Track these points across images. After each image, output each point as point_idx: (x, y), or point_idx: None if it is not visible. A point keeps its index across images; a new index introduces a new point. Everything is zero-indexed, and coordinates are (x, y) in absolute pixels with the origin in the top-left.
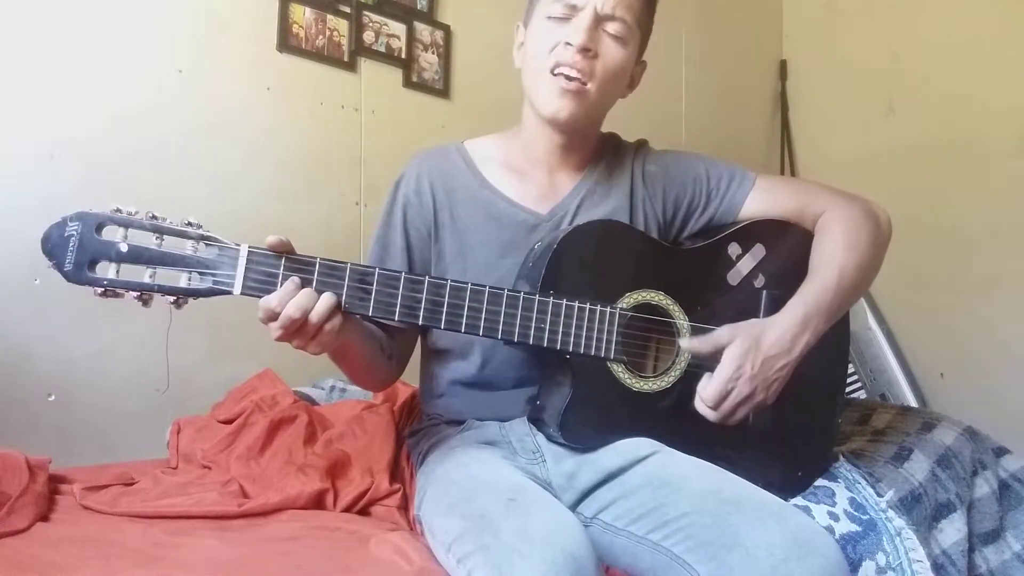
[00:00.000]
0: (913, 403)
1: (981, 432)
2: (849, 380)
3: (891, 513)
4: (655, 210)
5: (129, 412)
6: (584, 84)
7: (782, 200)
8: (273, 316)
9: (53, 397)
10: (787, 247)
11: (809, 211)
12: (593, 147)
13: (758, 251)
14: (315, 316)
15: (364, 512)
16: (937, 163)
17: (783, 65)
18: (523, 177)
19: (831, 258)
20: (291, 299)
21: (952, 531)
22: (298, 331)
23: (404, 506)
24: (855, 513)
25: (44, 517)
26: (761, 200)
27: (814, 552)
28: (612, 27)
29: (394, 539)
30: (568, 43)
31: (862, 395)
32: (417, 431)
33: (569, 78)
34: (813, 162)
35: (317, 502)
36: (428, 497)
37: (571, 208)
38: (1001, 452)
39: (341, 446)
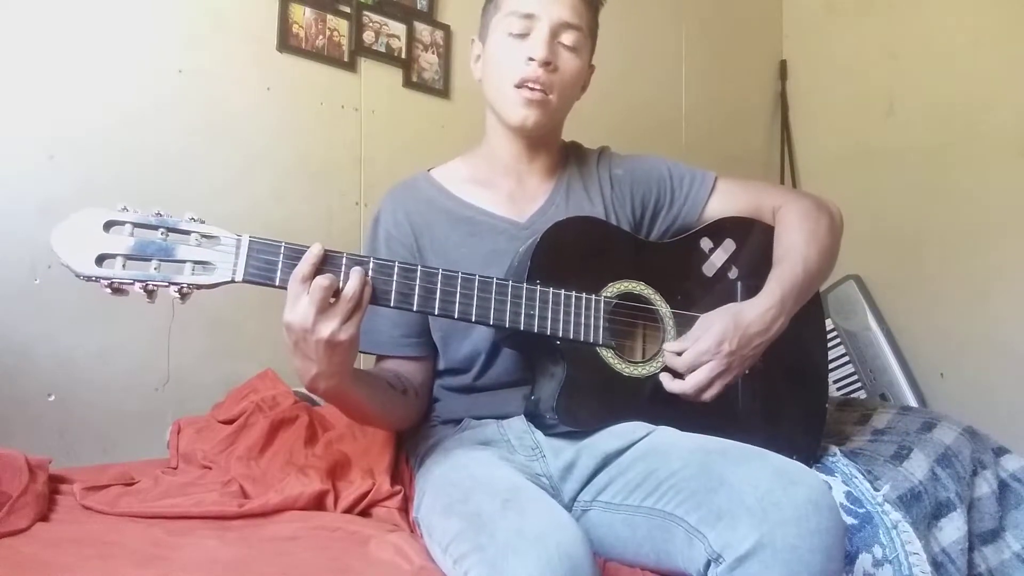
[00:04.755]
0: (913, 403)
1: (981, 432)
2: (849, 380)
3: (887, 506)
4: (625, 211)
5: (129, 412)
6: (547, 95)
7: (741, 198)
8: (305, 280)
9: (53, 397)
10: (754, 240)
11: (766, 207)
12: (556, 152)
13: (728, 245)
14: (348, 289)
15: (365, 514)
16: (937, 163)
17: (783, 65)
18: (493, 187)
19: (794, 246)
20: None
21: (952, 530)
22: (331, 308)
23: (405, 508)
24: (851, 506)
25: (44, 517)
26: (722, 199)
27: (798, 482)
28: (567, 38)
29: (394, 540)
30: (531, 58)
31: (862, 395)
32: (415, 433)
33: (532, 90)
34: (813, 162)
35: (318, 503)
36: (426, 499)
37: (548, 214)
38: (1001, 452)
39: (341, 447)
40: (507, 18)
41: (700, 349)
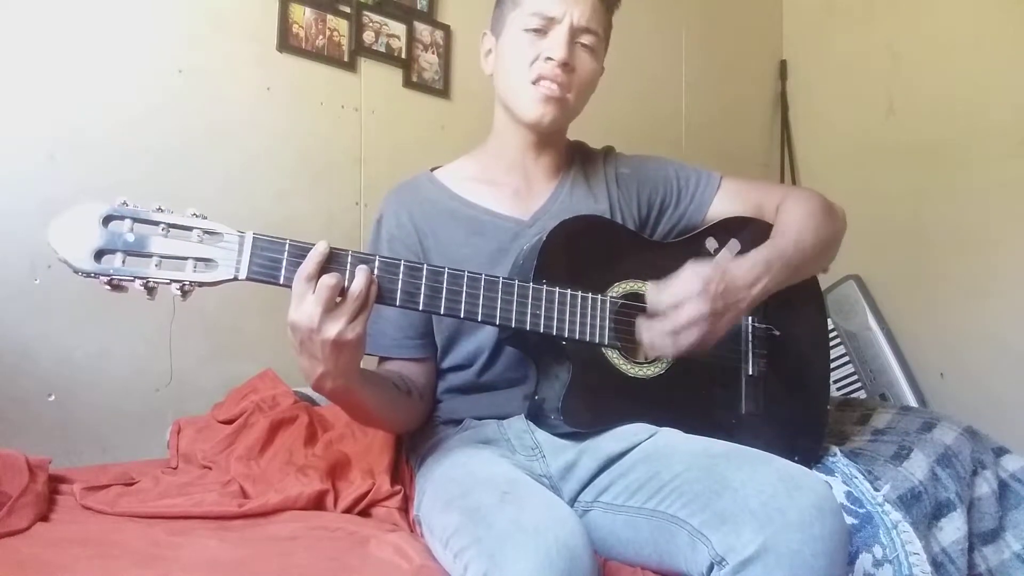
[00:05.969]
0: (913, 403)
1: (981, 432)
2: (849, 380)
3: (888, 506)
4: (631, 210)
5: (129, 412)
6: (565, 93)
7: (745, 198)
8: (310, 279)
9: (53, 397)
10: (759, 240)
11: (769, 205)
12: (563, 150)
13: (733, 245)
14: (355, 288)
15: (365, 514)
16: (937, 163)
17: (783, 65)
18: (499, 185)
19: (790, 223)
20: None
21: (952, 530)
22: (337, 307)
23: (405, 508)
24: (851, 506)
25: (44, 517)
26: (727, 199)
27: (803, 488)
28: (586, 39)
29: (394, 539)
30: (549, 57)
31: (862, 395)
32: (415, 433)
33: (551, 88)
34: (813, 162)
35: (317, 503)
36: (427, 496)
37: (552, 211)
38: (1001, 452)
39: (341, 447)
40: (529, 17)
41: (686, 287)
